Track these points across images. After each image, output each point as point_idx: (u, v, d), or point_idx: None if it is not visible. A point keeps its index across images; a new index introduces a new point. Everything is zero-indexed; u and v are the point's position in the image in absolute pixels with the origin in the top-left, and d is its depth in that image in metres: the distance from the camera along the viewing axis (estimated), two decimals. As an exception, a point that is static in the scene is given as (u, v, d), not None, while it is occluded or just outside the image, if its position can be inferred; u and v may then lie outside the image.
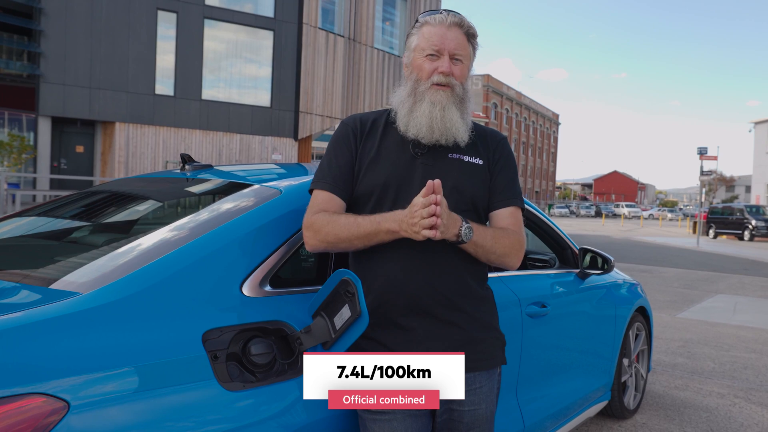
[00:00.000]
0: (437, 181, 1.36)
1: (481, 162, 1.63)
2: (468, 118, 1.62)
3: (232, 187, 1.98)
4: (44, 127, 16.73)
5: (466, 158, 1.61)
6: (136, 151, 17.41)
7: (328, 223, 1.51)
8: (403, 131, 1.59)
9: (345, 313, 1.48)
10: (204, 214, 1.78)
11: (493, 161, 1.65)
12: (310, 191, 1.62)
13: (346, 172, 1.60)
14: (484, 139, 1.68)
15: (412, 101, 1.59)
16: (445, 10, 1.61)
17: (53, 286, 1.42)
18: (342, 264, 1.78)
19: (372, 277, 1.56)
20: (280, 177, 2.13)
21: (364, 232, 1.48)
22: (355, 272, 1.58)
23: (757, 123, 35.94)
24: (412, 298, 1.54)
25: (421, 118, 1.56)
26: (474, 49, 1.64)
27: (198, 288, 1.48)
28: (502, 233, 1.57)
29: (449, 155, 1.60)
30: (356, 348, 1.57)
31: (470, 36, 1.61)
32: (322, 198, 1.57)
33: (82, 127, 17.80)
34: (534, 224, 2.95)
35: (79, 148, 18.04)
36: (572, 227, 31.25)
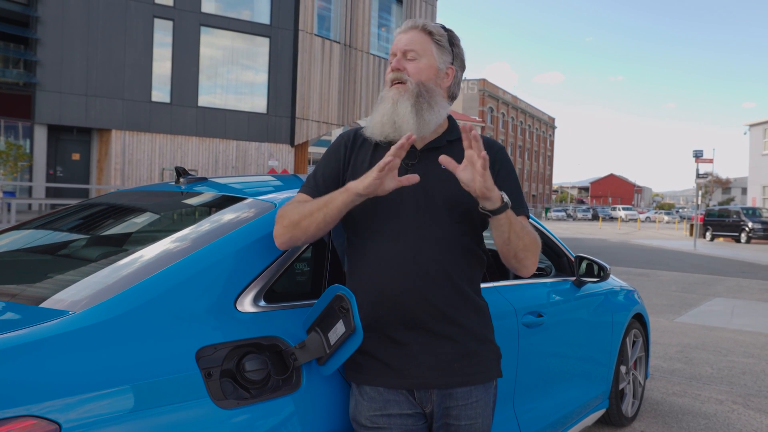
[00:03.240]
0: (410, 136, 1.37)
1: None
2: (428, 115, 1.56)
3: (227, 200, 1.98)
4: (40, 135, 16.71)
5: None
6: (132, 158, 17.39)
7: (294, 207, 1.54)
8: (367, 134, 1.62)
9: (339, 328, 1.47)
10: (198, 229, 1.77)
11: (493, 172, 1.60)
12: None
13: (330, 180, 1.61)
14: None
15: (377, 106, 1.62)
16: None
17: (44, 305, 1.41)
18: (337, 279, 1.77)
19: (365, 291, 1.54)
20: (276, 190, 2.12)
21: (323, 200, 1.48)
22: (349, 287, 1.58)
23: (751, 125, 36.00)
24: (405, 312, 1.53)
25: (376, 116, 1.59)
26: (439, 45, 1.61)
27: (191, 305, 1.47)
28: (525, 225, 1.53)
29: (443, 166, 1.58)
30: (352, 363, 1.57)
31: (429, 33, 1.60)
32: (298, 197, 1.61)
33: (78, 135, 17.78)
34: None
35: (75, 156, 18.02)
36: (569, 231, 31.28)
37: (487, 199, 1.40)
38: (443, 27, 1.65)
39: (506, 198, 1.43)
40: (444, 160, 1.39)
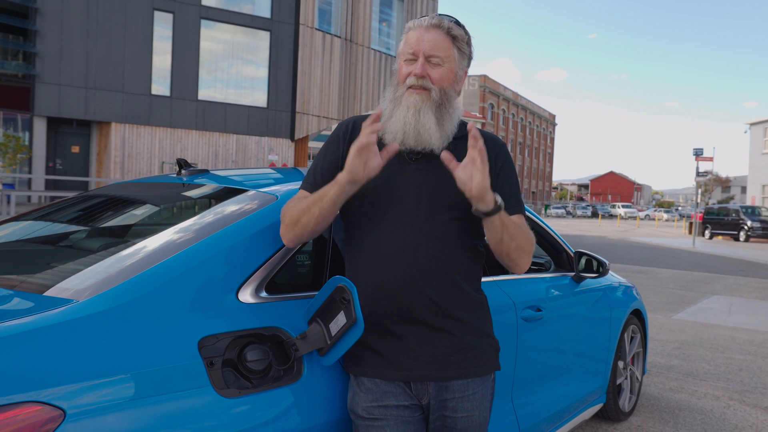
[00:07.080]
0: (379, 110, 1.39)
1: None
2: (448, 125, 1.55)
3: (228, 192, 1.98)
4: (39, 127, 16.68)
5: None
6: (132, 151, 17.38)
7: (294, 205, 1.54)
8: (381, 137, 1.55)
9: (340, 319, 1.48)
10: (200, 220, 1.78)
11: (495, 169, 1.60)
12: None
13: (328, 174, 1.58)
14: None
15: (391, 107, 1.55)
16: (439, 15, 1.56)
17: (49, 293, 1.43)
18: (338, 271, 1.79)
19: (362, 284, 1.55)
20: (277, 182, 2.13)
21: (318, 194, 1.49)
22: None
23: (752, 124, 35.99)
24: (402, 305, 1.53)
25: (396, 123, 1.52)
26: (461, 51, 1.57)
27: (194, 295, 1.49)
28: (519, 225, 1.54)
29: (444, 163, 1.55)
30: (349, 354, 1.58)
31: (453, 38, 1.55)
32: (299, 195, 1.60)
33: (78, 128, 17.76)
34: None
35: (75, 149, 18.00)
36: (568, 228, 31.31)
37: (481, 201, 1.41)
38: (461, 26, 1.58)
39: (499, 200, 1.44)
40: (446, 157, 1.40)
